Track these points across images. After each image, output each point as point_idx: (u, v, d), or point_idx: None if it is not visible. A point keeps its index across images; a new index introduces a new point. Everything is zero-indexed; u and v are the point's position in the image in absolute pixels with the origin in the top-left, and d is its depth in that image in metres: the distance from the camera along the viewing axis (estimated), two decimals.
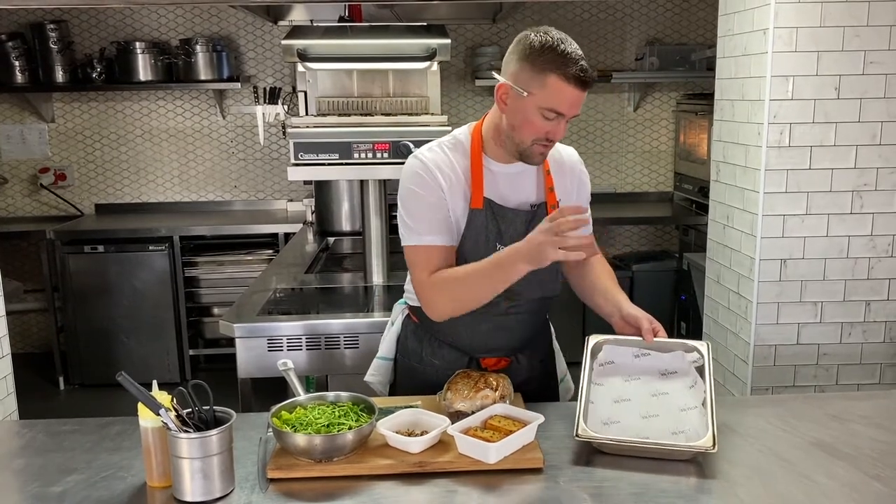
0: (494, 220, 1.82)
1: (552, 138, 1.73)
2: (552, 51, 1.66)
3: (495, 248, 1.81)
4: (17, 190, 5.17)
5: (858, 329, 2.91)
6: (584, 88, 1.68)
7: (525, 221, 1.84)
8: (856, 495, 1.44)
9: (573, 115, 1.72)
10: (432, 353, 1.96)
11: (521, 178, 1.86)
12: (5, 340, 2.70)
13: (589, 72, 1.67)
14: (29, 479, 1.55)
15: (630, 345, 1.77)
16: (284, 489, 1.47)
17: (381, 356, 2.08)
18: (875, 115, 2.76)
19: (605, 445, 1.57)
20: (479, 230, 1.81)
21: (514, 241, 1.78)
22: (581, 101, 1.71)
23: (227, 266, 4.77)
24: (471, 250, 1.81)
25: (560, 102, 1.68)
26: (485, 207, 1.81)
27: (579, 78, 1.66)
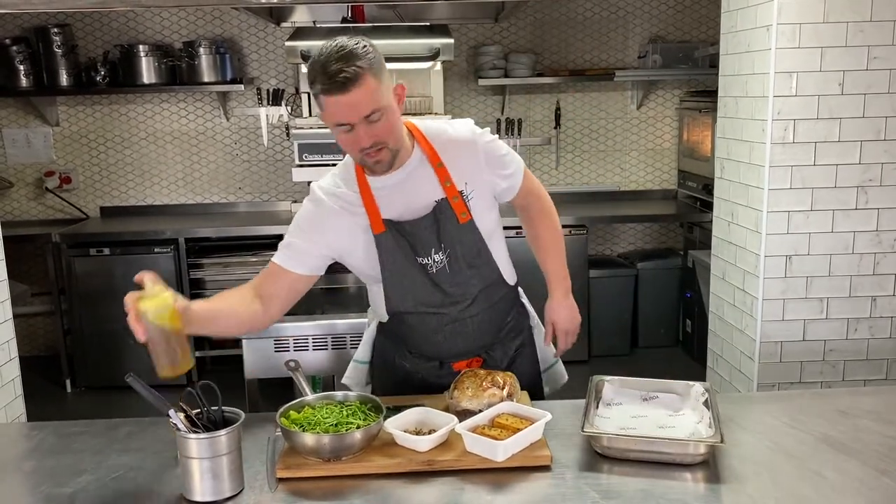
0: (402, 237, 1.79)
1: (364, 145, 1.66)
2: (311, 70, 1.64)
3: (417, 263, 1.80)
4: (22, 194, 5.19)
5: (864, 325, 2.91)
6: (344, 91, 1.59)
7: (431, 225, 1.79)
8: (865, 490, 1.44)
9: (365, 117, 1.63)
10: (402, 357, 1.95)
11: (410, 183, 1.80)
12: (12, 343, 2.71)
13: (338, 75, 1.57)
14: (40, 480, 1.56)
15: (636, 387, 1.79)
16: (293, 488, 1.48)
17: (357, 360, 2.07)
18: (879, 110, 2.76)
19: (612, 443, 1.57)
20: (391, 252, 1.80)
21: (427, 250, 1.80)
22: (358, 102, 1.61)
23: (232, 267, 4.77)
24: (392, 271, 1.81)
25: (334, 115, 1.63)
26: (387, 230, 1.79)
27: (332, 86, 1.59)
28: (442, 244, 1.81)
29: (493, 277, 1.90)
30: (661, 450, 1.54)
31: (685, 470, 1.52)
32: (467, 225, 1.82)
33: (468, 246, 1.83)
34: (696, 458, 1.53)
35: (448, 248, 1.81)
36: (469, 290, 1.86)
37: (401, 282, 1.82)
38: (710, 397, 1.70)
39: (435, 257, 1.81)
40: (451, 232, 1.80)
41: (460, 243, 1.82)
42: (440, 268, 1.82)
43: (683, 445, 1.54)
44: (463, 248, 1.83)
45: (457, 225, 1.81)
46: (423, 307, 1.85)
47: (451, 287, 1.84)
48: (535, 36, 5.16)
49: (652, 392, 1.77)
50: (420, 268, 1.82)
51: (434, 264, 1.82)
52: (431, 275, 1.82)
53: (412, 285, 1.82)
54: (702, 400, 1.70)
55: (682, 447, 1.54)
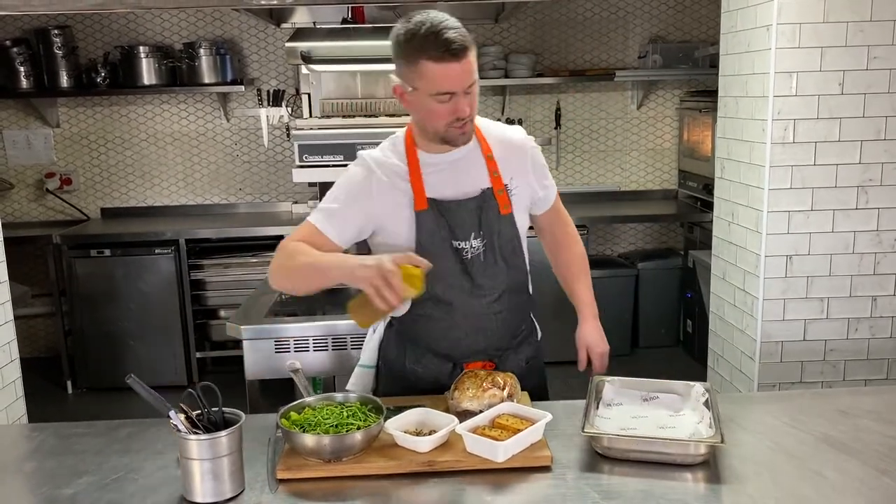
0: (442, 217, 1.80)
1: (461, 116, 1.70)
2: (415, 36, 1.64)
3: (452, 246, 1.81)
4: (23, 195, 5.19)
5: (865, 325, 2.91)
6: (458, 59, 1.63)
7: (474, 209, 1.82)
8: (865, 490, 1.44)
9: (469, 85, 1.68)
10: (415, 360, 1.93)
11: (463, 164, 1.83)
12: (13, 345, 2.71)
13: (455, 41, 1.62)
14: (40, 481, 1.56)
15: (637, 388, 1.79)
16: (294, 489, 1.48)
17: (363, 364, 2.04)
18: (879, 110, 2.76)
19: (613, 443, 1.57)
20: (430, 230, 1.80)
21: (469, 231, 1.81)
22: (466, 71, 1.66)
23: (233, 268, 4.78)
24: (428, 250, 1.79)
25: (443, 83, 1.65)
26: (430, 208, 1.80)
27: (448, 52, 1.62)
28: (482, 231, 1.82)
29: (520, 278, 1.92)
30: (662, 450, 1.54)
31: (686, 470, 1.52)
32: (508, 217, 1.85)
33: (505, 238, 1.86)
34: (696, 458, 1.53)
35: (486, 237, 1.83)
36: (497, 285, 1.86)
37: (434, 264, 1.76)
38: (710, 397, 1.70)
39: (473, 243, 1.82)
40: (492, 220, 1.83)
41: (498, 234, 1.84)
42: (475, 254, 1.83)
43: (684, 446, 1.54)
44: (500, 239, 1.85)
45: (498, 215, 1.84)
46: (451, 295, 1.83)
47: (482, 278, 1.83)
48: (536, 36, 5.16)
49: (652, 392, 1.77)
50: (455, 252, 1.81)
51: (470, 250, 1.82)
52: (465, 260, 1.82)
53: (444, 269, 1.80)
54: (702, 400, 1.70)
55: (683, 447, 1.54)
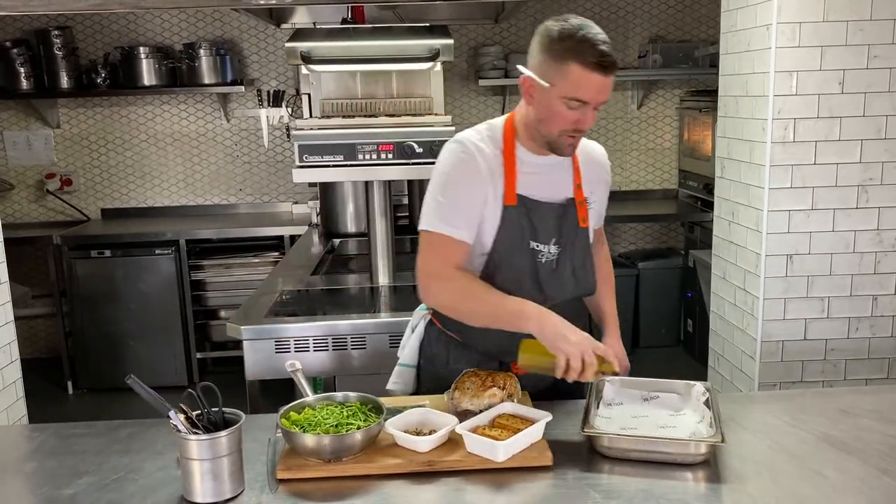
0: (527, 216, 1.79)
1: (580, 128, 1.71)
2: (570, 38, 1.64)
3: (529, 246, 1.79)
4: (23, 196, 5.19)
5: (866, 324, 2.90)
6: (606, 73, 1.64)
7: (558, 216, 1.82)
8: (866, 489, 1.44)
9: (600, 103, 1.69)
10: (458, 358, 1.91)
11: (555, 171, 1.84)
12: (14, 346, 2.71)
13: (610, 56, 1.64)
14: (40, 482, 1.56)
15: (637, 387, 1.79)
16: (294, 489, 1.48)
17: (403, 363, 2.02)
18: (880, 109, 2.76)
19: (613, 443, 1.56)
20: (513, 227, 1.78)
21: (549, 236, 1.79)
22: (606, 87, 1.67)
23: (233, 269, 4.78)
24: (506, 247, 1.78)
25: (583, 90, 1.65)
26: (518, 204, 1.78)
27: (600, 63, 1.63)
28: (561, 238, 1.82)
29: (586, 290, 1.91)
30: (662, 450, 1.53)
31: (686, 470, 1.52)
32: (585, 230, 1.87)
33: (579, 250, 1.85)
34: (696, 457, 1.53)
35: (564, 245, 1.82)
36: (562, 294, 1.85)
37: (508, 260, 1.78)
38: (710, 397, 1.70)
39: (551, 248, 1.81)
40: (570, 230, 1.83)
41: (572, 245, 1.84)
42: (549, 260, 1.82)
43: (684, 445, 1.54)
44: (574, 250, 1.84)
45: (576, 226, 1.84)
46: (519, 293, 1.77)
47: (549, 283, 1.81)
48: None
49: (653, 392, 1.77)
50: (531, 253, 1.79)
51: (546, 254, 1.81)
52: (538, 263, 1.80)
53: (516, 267, 1.78)
54: (703, 399, 1.70)
55: (683, 447, 1.54)
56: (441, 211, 1.75)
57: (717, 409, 1.65)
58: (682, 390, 1.76)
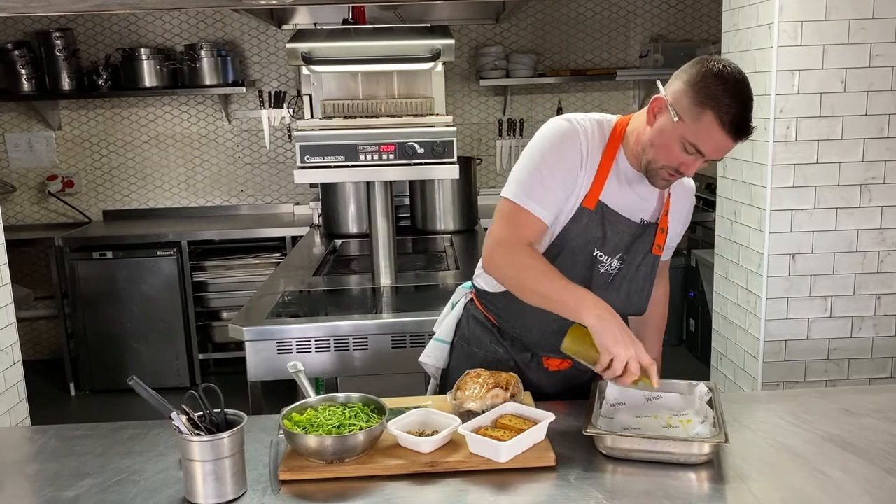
0: (601, 225, 1.73)
1: (683, 171, 1.65)
2: (722, 87, 1.54)
3: (592, 253, 1.75)
4: (25, 198, 5.20)
5: (869, 323, 2.90)
6: (737, 139, 1.57)
7: (632, 235, 1.77)
8: (870, 489, 1.44)
9: (714, 160, 1.63)
10: (496, 340, 1.90)
11: (644, 190, 1.77)
12: (16, 347, 2.71)
13: (750, 124, 1.56)
14: (42, 484, 1.56)
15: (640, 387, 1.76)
16: (296, 490, 1.47)
17: (439, 338, 2.01)
18: (882, 107, 2.75)
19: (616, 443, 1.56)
20: (581, 230, 1.73)
21: (617, 251, 1.75)
22: (729, 149, 1.60)
23: (235, 270, 4.78)
24: (569, 245, 1.74)
25: (707, 143, 1.58)
26: (596, 210, 1.72)
27: (736, 126, 1.54)
28: (627, 256, 1.77)
29: (638, 312, 1.87)
30: (666, 450, 1.53)
31: (689, 470, 1.51)
32: (654, 257, 1.81)
33: (641, 274, 1.80)
34: (700, 457, 1.53)
35: (628, 264, 1.77)
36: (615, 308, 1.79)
37: (567, 259, 1.73)
38: (714, 397, 1.69)
39: (613, 262, 1.77)
40: (640, 252, 1.79)
41: (636, 267, 1.79)
42: (607, 273, 1.78)
43: (688, 445, 1.53)
44: (637, 273, 1.79)
45: (648, 252, 1.80)
46: None
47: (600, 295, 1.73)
48: (537, 36, 5.15)
49: (655, 392, 1.76)
50: (591, 260, 1.75)
51: (607, 266, 1.78)
52: (595, 272, 1.77)
53: (573, 268, 1.73)
54: (706, 399, 1.70)
55: (687, 447, 1.53)
56: (529, 183, 1.68)
57: (720, 409, 1.64)
58: (684, 390, 1.75)
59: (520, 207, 1.68)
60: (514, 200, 1.69)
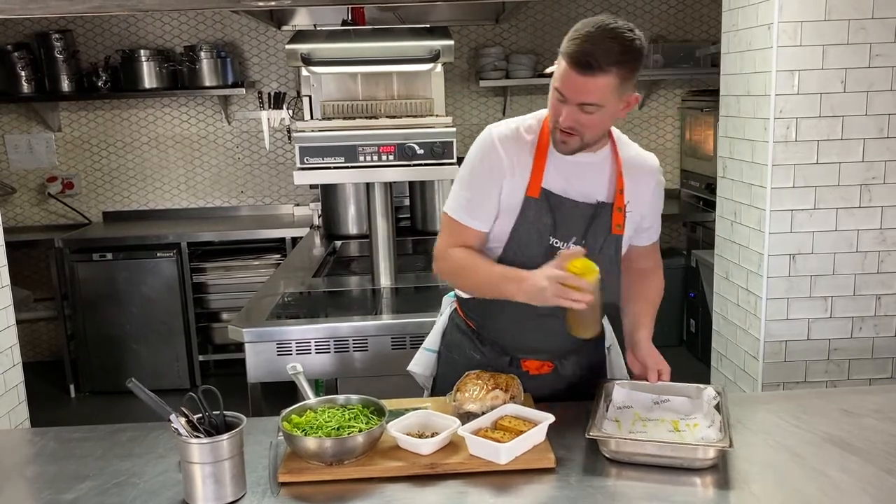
0: (550, 212, 1.76)
1: (560, 123, 1.67)
2: (582, 25, 1.62)
3: (548, 241, 1.76)
4: (25, 199, 5.20)
5: (869, 323, 2.89)
6: (582, 73, 1.58)
7: (587, 216, 1.78)
8: (870, 489, 1.43)
9: (579, 103, 1.62)
10: (474, 347, 1.92)
11: (590, 170, 1.79)
12: (16, 349, 2.71)
13: (589, 58, 1.57)
14: (42, 486, 1.56)
15: (647, 390, 1.76)
16: (296, 493, 1.47)
17: (427, 347, 2.04)
18: (882, 107, 2.75)
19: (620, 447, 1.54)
20: (531, 220, 1.75)
21: (571, 234, 1.76)
22: (584, 87, 1.60)
23: (234, 271, 4.78)
24: (522, 239, 1.76)
25: (562, 83, 1.63)
26: (541, 197, 1.75)
27: (576, 59, 1.58)
28: (585, 240, 1.77)
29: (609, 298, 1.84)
30: (670, 454, 1.51)
31: (691, 472, 1.51)
32: (616, 238, 1.81)
33: (607, 260, 1.79)
34: (705, 462, 1.51)
35: (590, 248, 1.76)
36: None
37: (522, 253, 1.76)
38: (721, 401, 1.67)
39: (571, 246, 1.77)
40: (599, 234, 1.79)
41: (600, 250, 1.79)
42: None
43: (692, 450, 1.51)
44: (603, 257, 1.79)
45: (608, 232, 1.79)
46: None
47: None
48: (536, 37, 5.15)
49: (663, 395, 1.75)
50: (548, 248, 1.76)
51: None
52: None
53: (530, 261, 1.74)
54: (713, 403, 1.68)
55: (691, 452, 1.51)
56: (461, 198, 1.80)
57: (727, 413, 1.63)
58: (692, 394, 1.74)
59: (455, 221, 1.80)
60: (450, 214, 1.82)
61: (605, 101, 1.63)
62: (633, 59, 1.62)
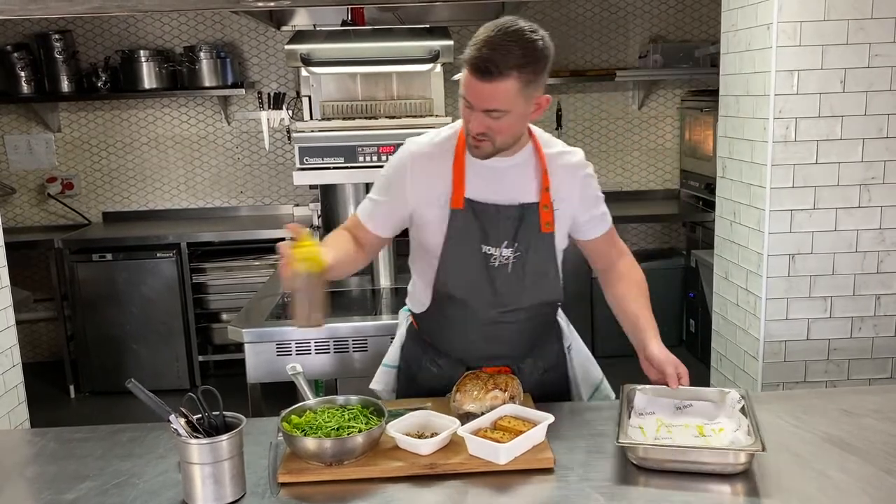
0: (476, 220, 1.76)
1: (470, 130, 1.66)
2: (480, 32, 1.62)
3: (480, 251, 1.76)
4: (24, 200, 5.19)
5: (869, 323, 2.89)
6: (480, 78, 1.57)
7: (513, 219, 1.77)
8: (870, 489, 1.43)
9: (484, 109, 1.61)
10: (430, 360, 1.93)
11: (510, 173, 1.78)
12: (16, 350, 2.71)
13: (487, 62, 1.55)
14: (42, 486, 1.56)
15: (669, 396, 1.73)
16: (295, 493, 1.47)
17: (386, 363, 2.05)
18: (881, 107, 2.75)
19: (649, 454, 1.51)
20: (460, 231, 1.76)
21: (502, 239, 1.77)
22: (486, 93, 1.58)
23: (234, 272, 4.77)
24: (455, 251, 1.77)
25: (465, 90, 1.62)
26: (465, 208, 1.75)
27: (475, 66, 1.57)
28: (516, 243, 1.77)
29: (549, 298, 1.87)
30: (699, 459, 1.49)
31: (693, 473, 1.51)
32: (548, 236, 1.80)
33: (541, 256, 1.80)
34: (736, 467, 1.48)
35: (520, 250, 1.78)
36: (521, 300, 1.81)
37: (457, 264, 1.77)
38: (746, 404, 1.65)
39: (504, 251, 1.77)
40: (529, 235, 1.78)
41: (535, 251, 1.79)
42: (503, 264, 1.78)
43: (723, 454, 1.49)
44: (537, 256, 1.79)
45: (538, 231, 1.78)
46: (469, 299, 1.79)
47: (504, 288, 1.79)
48: None
49: (686, 401, 1.72)
50: (483, 256, 1.77)
51: (499, 258, 1.78)
52: (491, 267, 1.78)
53: (467, 271, 1.77)
54: (738, 407, 1.66)
55: (722, 456, 1.49)
56: (368, 206, 1.87)
57: (754, 416, 1.61)
58: (716, 398, 1.71)
59: (359, 221, 1.87)
60: (357, 214, 1.89)
61: (510, 105, 1.61)
62: (535, 60, 1.60)
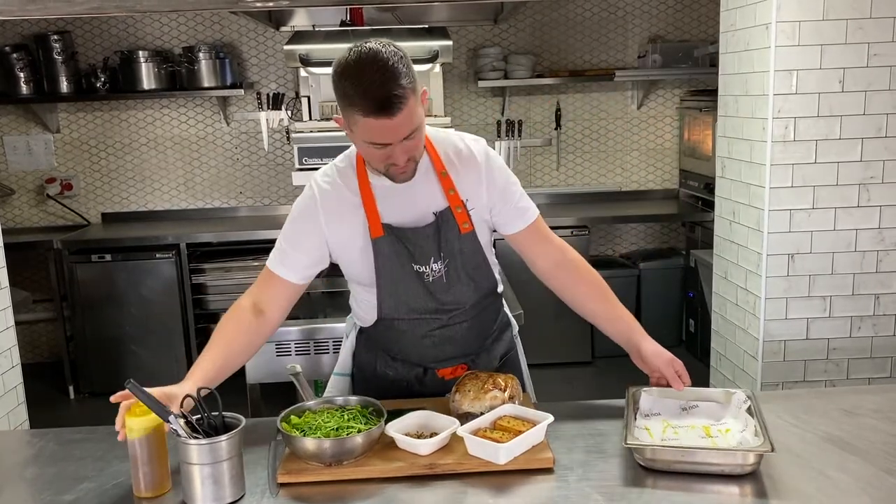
0: (400, 243, 1.75)
1: (398, 163, 1.63)
2: (347, 84, 1.54)
3: (413, 270, 1.76)
4: (23, 201, 5.19)
5: (868, 323, 2.90)
6: (389, 116, 1.52)
7: (433, 232, 1.76)
8: (869, 489, 1.43)
9: (402, 138, 1.58)
10: (385, 364, 1.92)
11: (416, 187, 1.74)
12: (15, 351, 2.71)
13: (389, 100, 1.51)
14: (41, 487, 1.56)
15: (674, 397, 1.73)
16: (295, 493, 1.47)
17: (337, 372, 2.02)
18: (880, 107, 2.75)
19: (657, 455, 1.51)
20: (389, 257, 1.76)
21: (429, 256, 1.76)
22: (398, 125, 1.55)
23: (234, 272, 4.77)
24: (390, 279, 1.77)
25: (372, 136, 1.58)
26: (386, 233, 1.74)
27: (378, 109, 1.52)
28: (442, 254, 1.77)
29: (489, 288, 1.89)
30: (708, 460, 1.48)
31: (692, 473, 1.51)
32: (469, 235, 1.79)
33: (469, 256, 1.80)
34: (745, 468, 1.48)
35: (448, 258, 1.78)
36: (463, 300, 1.83)
37: (396, 289, 1.79)
38: (753, 404, 1.65)
39: (434, 266, 1.78)
40: (452, 242, 1.78)
41: (461, 253, 1.79)
42: (437, 277, 1.79)
43: (731, 455, 1.48)
44: (464, 258, 1.80)
45: (458, 235, 1.78)
46: (416, 314, 1.82)
47: (446, 296, 1.81)
48: (535, 37, 5.15)
49: (691, 402, 1.71)
50: (416, 275, 1.78)
51: (431, 273, 1.78)
52: (427, 283, 1.79)
53: (406, 293, 1.79)
54: (744, 407, 1.65)
55: (731, 457, 1.48)
56: (279, 252, 1.82)
57: (760, 416, 1.60)
58: (721, 398, 1.70)
59: (271, 272, 1.82)
60: (267, 265, 1.83)
61: (418, 119, 1.60)
62: (408, 67, 1.57)
